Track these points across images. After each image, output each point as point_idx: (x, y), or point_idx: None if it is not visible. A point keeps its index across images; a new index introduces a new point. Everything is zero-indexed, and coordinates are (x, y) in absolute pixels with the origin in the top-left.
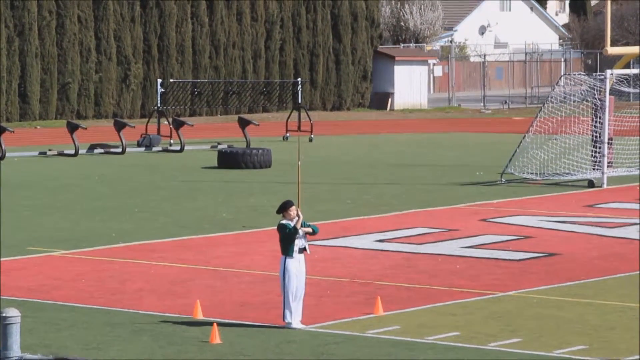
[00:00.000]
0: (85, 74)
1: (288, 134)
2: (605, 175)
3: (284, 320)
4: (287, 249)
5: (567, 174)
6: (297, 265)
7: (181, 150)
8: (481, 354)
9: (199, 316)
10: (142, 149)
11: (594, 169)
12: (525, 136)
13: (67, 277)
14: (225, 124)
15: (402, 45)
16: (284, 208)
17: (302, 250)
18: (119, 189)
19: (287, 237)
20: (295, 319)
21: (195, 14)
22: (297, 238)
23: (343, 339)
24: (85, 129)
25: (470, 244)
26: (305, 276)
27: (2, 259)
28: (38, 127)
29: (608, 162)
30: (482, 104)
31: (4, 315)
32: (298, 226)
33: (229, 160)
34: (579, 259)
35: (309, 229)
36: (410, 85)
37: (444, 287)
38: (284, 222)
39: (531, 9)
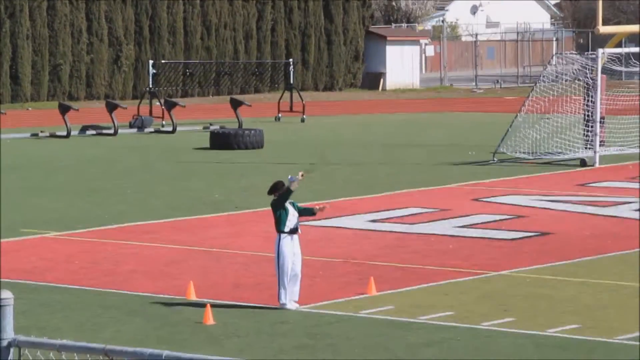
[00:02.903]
0: (76, 55)
1: (280, 115)
2: (597, 154)
3: (279, 300)
4: (279, 223)
5: (560, 153)
6: (290, 245)
7: (173, 131)
8: (474, 333)
9: (193, 297)
10: (134, 130)
11: (586, 148)
12: (517, 116)
13: (60, 259)
14: (217, 104)
15: (393, 25)
16: (275, 188)
17: (295, 230)
18: (111, 171)
19: (278, 203)
20: (291, 299)
21: None
22: (289, 214)
23: (336, 319)
24: (77, 110)
25: (463, 223)
26: (301, 257)
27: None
28: (30, 108)
29: (600, 141)
30: (474, 84)
31: None
32: (293, 188)
33: (221, 141)
34: (572, 238)
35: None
36: (402, 65)
37: (436, 267)
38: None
39: None
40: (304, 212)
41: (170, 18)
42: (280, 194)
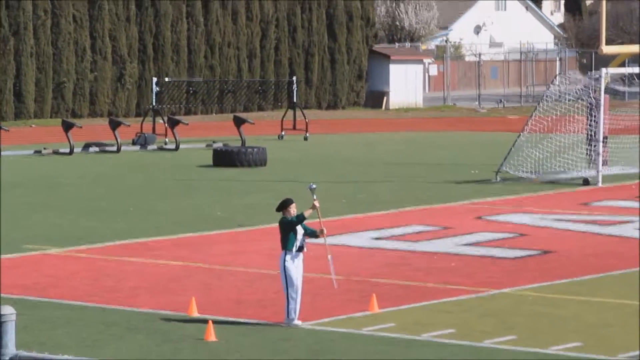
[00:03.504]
0: (80, 73)
1: (283, 133)
2: (600, 174)
3: (287, 316)
4: (287, 242)
5: (563, 172)
6: (295, 261)
7: (176, 148)
8: (476, 351)
9: (195, 314)
10: (138, 147)
11: (589, 168)
12: (520, 135)
13: (63, 275)
14: (220, 122)
15: (397, 44)
16: (283, 206)
17: (301, 248)
18: (114, 188)
19: (289, 227)
20: (294, 315)
21: (190, 14)
22: (297, 234)
23: (339, 337)
24: (81, 127)
25: (466, 241)
26: (302, 274)
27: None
28: (33, 125)
29: (603, 161)
30: (477, 103)
31: None
32: (307, 215)
33: (224, 158)
34: (574, 256)
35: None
36: (406, 84)
37: (439, 285)
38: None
39: (526, 8)
40: (309, 233)
41: (174, 36)
42: (293, 221)
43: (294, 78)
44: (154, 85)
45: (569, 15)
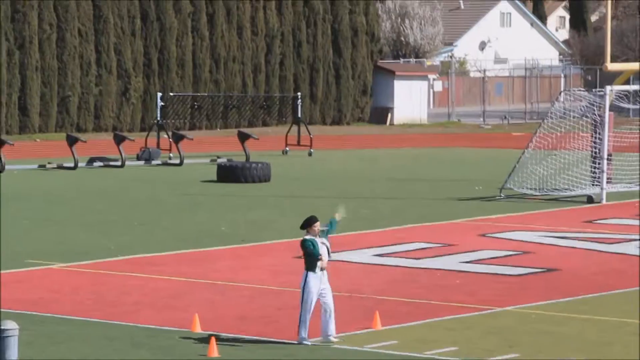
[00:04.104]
0: (85, 87)
1: (287, 148)
2: (604, 191)
3: (298, 335)
4: (311, 265)
5: (567, 189)
6: (318, 282)
7: (180, 163)
8: None
9: (197, 330)
10: (142, 162)
11: (593, 185)
12: (524, 151)
13: (66, 290)
14: (224, 137)
15: (402, 60)
16: (308, 224)
17: (324, 267)
18: (118, 203)
19: (312, 254)
20: (328, 335)
21: (195, 28)
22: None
23: (342, 354)
24: (85, 142)
25: (469, 259)
26: (331, 292)
27: (1, 272)
28: (38, 140)
29: (607, 178)
30: (481, 119)
31: (2, 327)
32: (324, 265)
33: (228, 174)
34: (578, 274)
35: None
36: (410, 100)
37: (442, 302)
38: (308, 237)
39: (531, 24)
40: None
41: (179, 51)
42: (316, 253)
43: (299, 93)
44: (159, 100)
45: (574, 32)
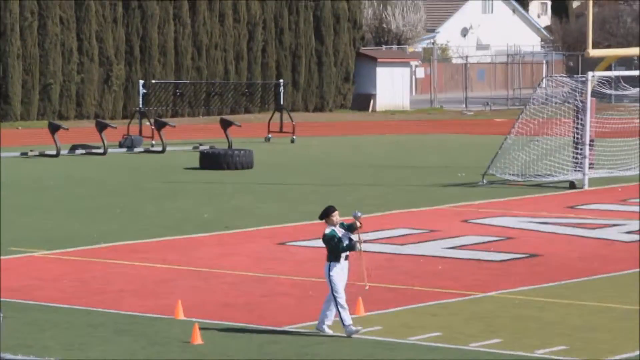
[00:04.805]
0: (67, 75)
1: (270, 135)
2: (586, 177)
3: (344, 325)
4: (335, 256)
5: (549, 175)
6: (341, 272)
7: (163, 151)
8: (462, 354)
9: (181, 317)
10: (124, 149)
11: (575, 171)
12: (507, 138)
13: (49, 278)
14: (207, 125)
15: (384, 46)
16: (326, 214)
17: (347, 257)
18: (100, 190)
19: (335, 248)
20: (326, 322)
21: (177, 15)
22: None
23: (325, 340)
24: (67, 129)
25: (452, 244)
26: (345, 283)
27: None
28: (19, 127)
29: (589, 164)
30: (464, 106)
31: None
32: (357, 248)
33: (210, 161)
34: (561, 260)
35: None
36: (393, 86)
37: (425, 288)
38: (327, 231)
39: (513, 11)
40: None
41: (161, 38)
42: (341, 246)
43: (281, 80)
44: (141, 87)
45: (556, 18)
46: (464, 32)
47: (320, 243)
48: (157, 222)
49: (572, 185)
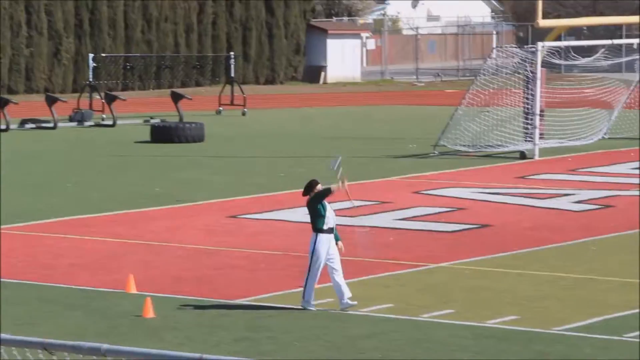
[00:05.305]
0: (15, 48)
1: (221, 108)
2: (536, 147)
3: (303, 297)
4: (316, 221)
5: (499, 145)
6: (327, 245)
7: (113, 125)
8: (414, 325)
9: (132, 290)
10: (74, 123)
11: (525, 141)
12: (457, 109)
13: None
14: (158, 98)
15: (334, 18)
16: (310, 188)
17: (332, 230)
18: (51, 164)
19: (318, 199)
20: (344, 297)
21: None
22: (327, 210)
23: (277, 312)
24: (17, 104)
25: (404, 216)
26: (339, 256)
27: None
28: None
29: (540, 134)
30: (414, 77)
31: None
32: (334, 188)
33: (162, 134)
34: (511, 229)
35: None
36: (343, 58)
37: (377, 260)
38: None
39: None
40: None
41: (111, 11)
42: (318, 193)
43: (232, 53)
44: (91, 61)
45: None
46: (414, 4)
47: (271, 215)
48: (108, 196)
49: (522, 155)
